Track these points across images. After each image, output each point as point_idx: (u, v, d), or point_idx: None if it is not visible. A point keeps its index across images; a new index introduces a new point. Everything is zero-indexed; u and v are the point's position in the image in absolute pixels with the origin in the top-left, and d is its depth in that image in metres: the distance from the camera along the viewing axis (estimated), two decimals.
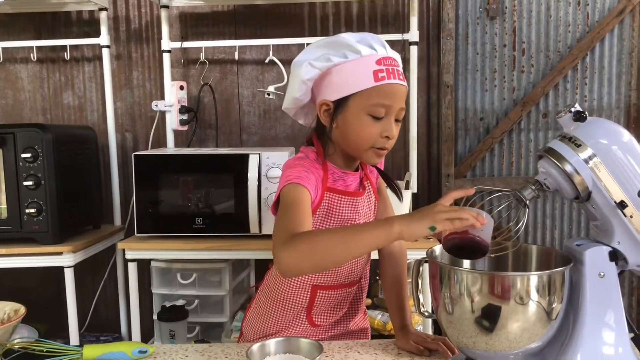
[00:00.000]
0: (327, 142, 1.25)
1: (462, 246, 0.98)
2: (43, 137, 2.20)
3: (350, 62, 1.16)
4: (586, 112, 1.02)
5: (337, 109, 1.19)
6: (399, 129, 1.22)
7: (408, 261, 1.85)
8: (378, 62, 1.16)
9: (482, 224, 0.95)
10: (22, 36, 2.88)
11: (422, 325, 2.29)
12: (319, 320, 1.35)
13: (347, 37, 1.18)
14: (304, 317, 1.34)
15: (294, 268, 1.02)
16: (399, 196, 1.37)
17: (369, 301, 2.46)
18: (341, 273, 1.30)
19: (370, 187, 1.33)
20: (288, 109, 1.30)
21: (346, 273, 1.31)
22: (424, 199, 2.75)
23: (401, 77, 1.18)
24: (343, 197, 1.25)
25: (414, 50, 2.54)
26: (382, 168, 1.38)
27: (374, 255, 1.43)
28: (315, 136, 1.27)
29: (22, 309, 1.22)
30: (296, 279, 1.29)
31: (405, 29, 2.73)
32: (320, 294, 1.31)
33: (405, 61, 2.62)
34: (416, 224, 0.97)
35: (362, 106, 1.16)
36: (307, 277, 1.29)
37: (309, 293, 1.30)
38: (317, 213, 1.23)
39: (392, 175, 2.79)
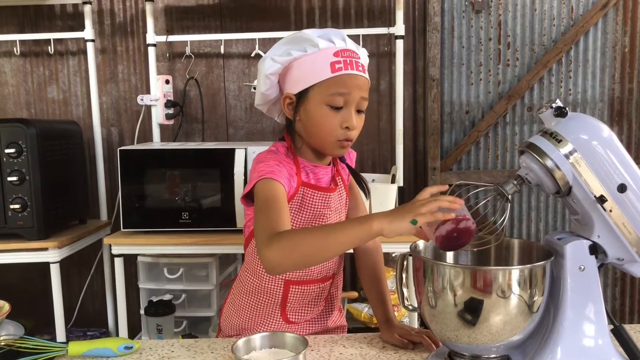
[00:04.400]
0: (295, 136, 1.28)
1: (454, 231, 0.99)
2: (27, 132, 2.18)
3: (309, 56, 1.20)
4: (567, 108, 1.03)
5: (299, 102, 1.23)
6: (363, 120, 1.25)
7: (393, 255, 1.86)
8: (336, 54, 1.19)
9: (459, 205, 0.99)
10: (5, 29, 2.84)
11: (408, 318, 2.30)
12: (294, 317, 1.35)
13: (308, 32, 1.22)
14: (279, 314, 1.34)
15: (278, 267, 1.05)
16: (366, 194, 1.40)
17: (356, 294, 2.47)
18: (314, 268, 1.32)
19: (342, 183, 1.36)
20: (260, 105, 1.34)
21: (319, 268, 1.33)
22: (410, 193, 2.77)
23: (360, 68, 1.21)
24: (316, 192, 1.28)
25: (399, 44, 2.54)
26: (352, 165, 1.41)
27: (349, 251, 1.44)
28: (286, 131, 1.31)
29: (7, 306, 1.22)
30: None
31: (391, 22, 2.73)
32: (294, 290, 1.32)
33: (391, 55, 2.63)
34: (398, 220, 0.99)
35: (321, 97, 1.20)
36: None
37: (281, 288, 1.32)
38: (291, 205, 1.25)
39: (379, 169, 2.82)
